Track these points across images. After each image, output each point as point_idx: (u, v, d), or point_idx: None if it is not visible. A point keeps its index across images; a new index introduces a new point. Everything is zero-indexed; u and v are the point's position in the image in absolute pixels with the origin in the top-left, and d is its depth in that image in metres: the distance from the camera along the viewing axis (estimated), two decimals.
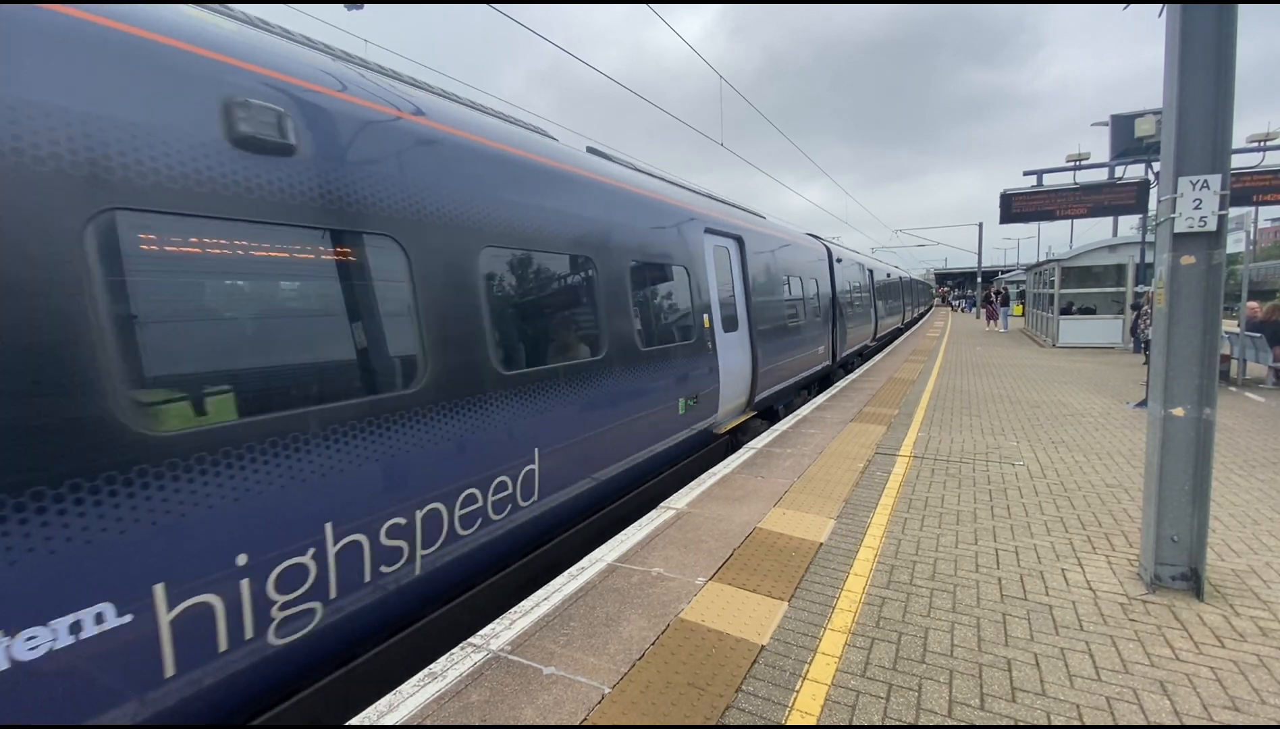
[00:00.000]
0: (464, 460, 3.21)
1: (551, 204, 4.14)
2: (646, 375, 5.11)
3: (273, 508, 2.33)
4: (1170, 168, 3.07)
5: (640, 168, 6.52)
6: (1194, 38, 2.95)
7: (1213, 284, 3.03)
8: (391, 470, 2.80)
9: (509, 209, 3.71)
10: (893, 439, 6.60)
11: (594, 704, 2.38)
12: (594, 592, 3.29)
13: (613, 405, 4.61)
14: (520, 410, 3.63)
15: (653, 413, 5.19)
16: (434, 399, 3.04)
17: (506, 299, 3.75)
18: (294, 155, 2.51)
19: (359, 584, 2.65)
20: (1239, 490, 4.75)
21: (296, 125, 2.53)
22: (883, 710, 2.36)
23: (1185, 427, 3.11)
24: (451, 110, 3.62)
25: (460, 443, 3.19)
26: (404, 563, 2.86)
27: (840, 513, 4.42)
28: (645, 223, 5.44)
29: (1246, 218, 10.60)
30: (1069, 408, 8.22)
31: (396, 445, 2.82)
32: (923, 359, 14.50)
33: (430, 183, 3.16)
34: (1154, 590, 3.22)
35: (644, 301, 5.35)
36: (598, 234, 4.66)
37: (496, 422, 3.44)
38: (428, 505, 2.98)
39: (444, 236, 3.20)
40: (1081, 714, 2.32)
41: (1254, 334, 9.67)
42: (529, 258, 3.93)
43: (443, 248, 3.18)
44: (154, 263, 2.14)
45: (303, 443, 2.44)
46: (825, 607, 3.13)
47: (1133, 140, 14.13)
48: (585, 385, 4.29)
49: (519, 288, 3.90)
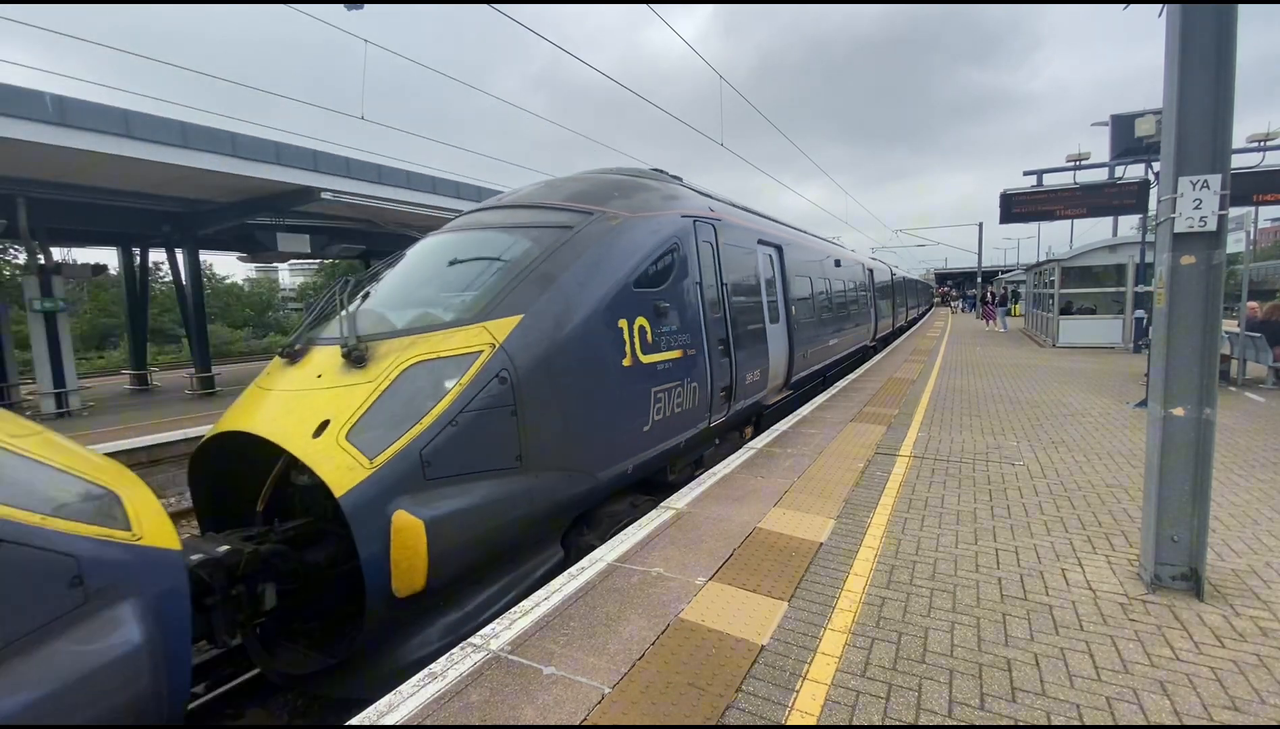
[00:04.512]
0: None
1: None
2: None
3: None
4: (1170, 168, 3.07)
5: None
6: (1194, 38, 2.95)
7: (1213, 284, 3.03)
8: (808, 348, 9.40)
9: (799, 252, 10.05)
10: (893, 439, 6.60)
11: (594, 704, 2.38)
12: (594, 592, 3.29)
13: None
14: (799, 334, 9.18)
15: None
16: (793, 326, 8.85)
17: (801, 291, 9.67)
18: (786, 254, 8.97)
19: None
20: (1239, 490, 4.75)
21: (783, 251, 8.96)
22: (883, 710, 2.36)
23: (1185, 427, 3.11)
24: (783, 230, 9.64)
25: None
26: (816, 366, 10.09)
27: (840, 513, 4.42)
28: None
29: (1246, 218, 10.60)
30: (1069, 408, 8.22)
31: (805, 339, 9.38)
32: (922, 359, 14.50)
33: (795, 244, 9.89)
34: (1154, 590, 3.22)
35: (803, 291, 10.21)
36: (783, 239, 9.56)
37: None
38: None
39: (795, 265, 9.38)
40: (1081, 714, 2.32)
41: (1254, 334, 9.67)
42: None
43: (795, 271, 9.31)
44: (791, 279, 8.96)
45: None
46: (825, 607, 3.13)
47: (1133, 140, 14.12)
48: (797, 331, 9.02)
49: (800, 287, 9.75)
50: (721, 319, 6.22)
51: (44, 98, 9.02)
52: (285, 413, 3.67)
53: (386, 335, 3.99)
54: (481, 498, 3.56)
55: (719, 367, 5.97)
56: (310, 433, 3.39)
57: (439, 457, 3.43)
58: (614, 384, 4.53)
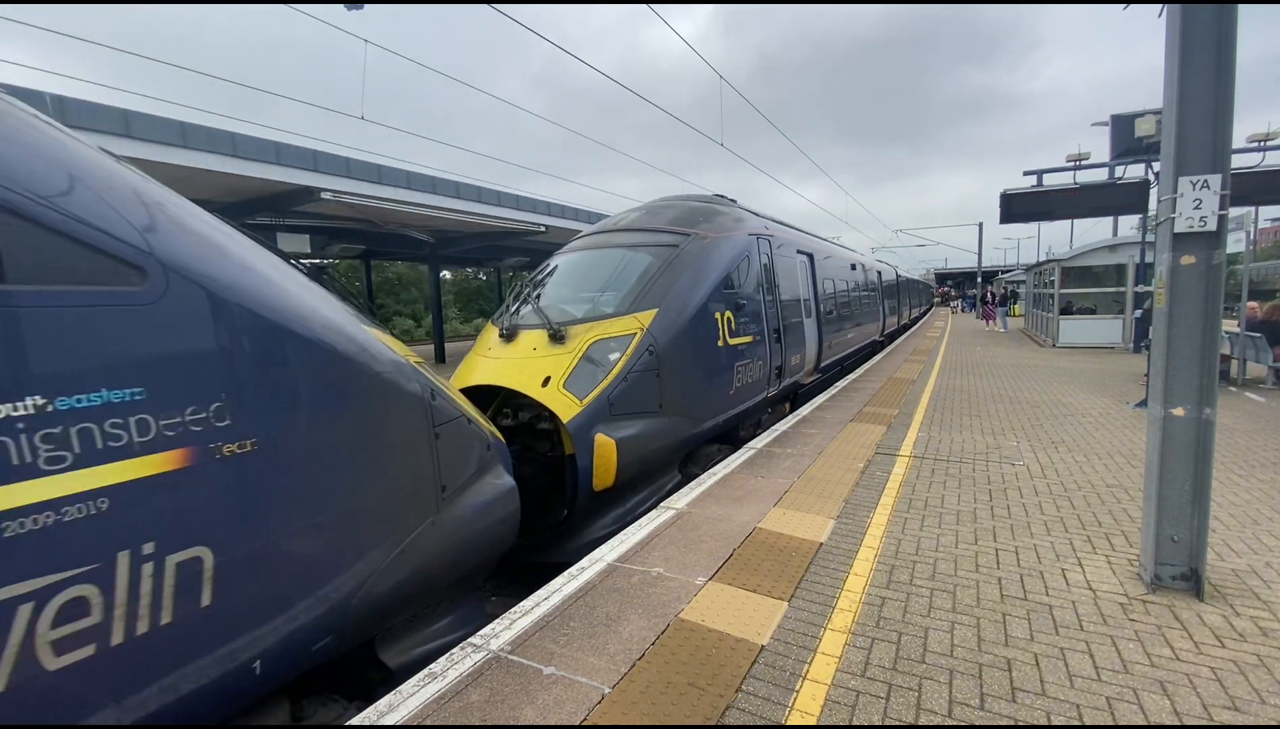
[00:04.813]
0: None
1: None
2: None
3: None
4: (1170, 168, 3.07)
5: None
6: (1194, 38, 2.95)
7: (1213, 284, 3.02)
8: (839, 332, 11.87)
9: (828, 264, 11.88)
10: (893, 439, 6.60)
11: (594, 704, 2.38)
12: (594, 592, 3.29)
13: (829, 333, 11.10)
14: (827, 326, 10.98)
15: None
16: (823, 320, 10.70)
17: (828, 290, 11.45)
18: (815, 261, 10.62)
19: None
20: (1239, 490, 4.75)
21: (814, 258, 10.65)
22: (883, 710, 2.36)
23: (1185, 427, 3.11)
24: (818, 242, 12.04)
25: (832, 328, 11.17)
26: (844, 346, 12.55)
27: (840, 513, 4.42)
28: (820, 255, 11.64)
29: (1246, 218, 10.59)
30: (1069, 408, 8.22)
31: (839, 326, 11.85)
32: (922, 359, 14.50)
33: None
34: (1154, 590, 3.22)
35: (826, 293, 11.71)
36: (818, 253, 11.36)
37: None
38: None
39: (822, 269, 11.04)
40: (1081, 714, 2.32)
41: (1254, 334, 9.66)
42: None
43: (822, 275, 10.99)
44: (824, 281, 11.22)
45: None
46: (825, 607, 3.13)
47: (1133, 140, 14.10)
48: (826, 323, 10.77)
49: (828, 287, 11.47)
50: (775, 314, 7.92)
51: (44, 97, 9.04)
52: (518, 372, 5.25)
53: (572, 322, 5.66)
54: (641, 429, 5.21)
55: (774, 350, 7.68)
56: (539, 384, 5.04)
57: (618, 400, 5.10)
58: (713, 359, 6.23)
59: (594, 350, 5.28)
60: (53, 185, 1.83)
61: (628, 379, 5.18)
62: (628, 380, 5.18)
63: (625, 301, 5.83)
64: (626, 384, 5.17)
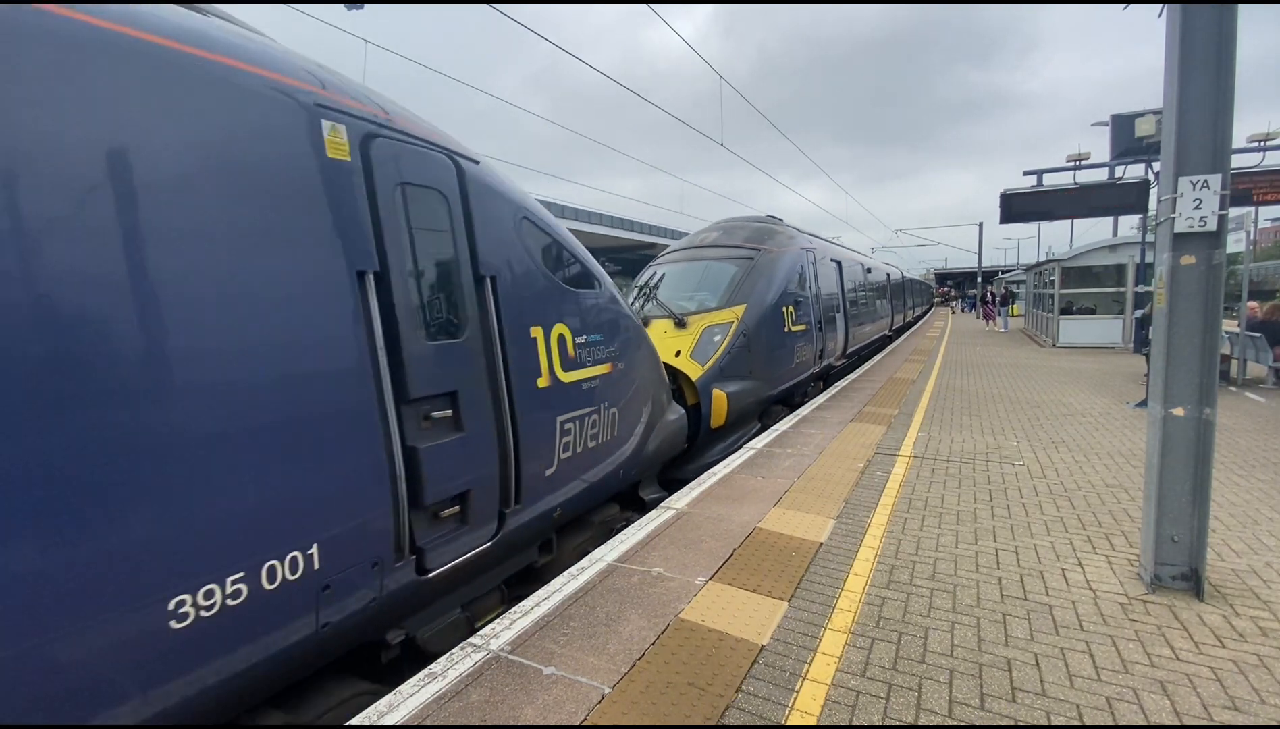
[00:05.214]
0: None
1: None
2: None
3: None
4: (1170, 168, 3.07)
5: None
6: (1194, 38, 2.95)
7: (1213, 284, 3.03)
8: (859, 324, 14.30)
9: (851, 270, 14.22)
10: (893, 439, 6.60)
11: (594, 704, 2.38)
12: (594, 591, 3.29)
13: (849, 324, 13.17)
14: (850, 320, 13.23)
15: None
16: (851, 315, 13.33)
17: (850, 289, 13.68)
18: (843, 267, 13.16)
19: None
20: (1239, 490, 4.76)
21: (841, 265, 13.10)
22: (883, 710, 2.36)
23: (1185, 427, 3.11)
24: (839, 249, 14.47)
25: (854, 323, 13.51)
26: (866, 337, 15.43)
27: (840, 513, 4.42)
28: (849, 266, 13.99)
29: (1246, 218, 10.60)
30: (1069, 408, 8.22)
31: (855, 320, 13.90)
32: (922, 359, 14.50)
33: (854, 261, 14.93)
34: (1154, 590, 3.22)
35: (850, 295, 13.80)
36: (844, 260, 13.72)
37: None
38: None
39: (847, 273, 13.48)
40: (1081, 714, 2.32)
41: (1254, 334, 9.66)
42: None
43: (847, 278, 13.40)
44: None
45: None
46: (825, 607, 3.13)
47: (1133, 140, 14.11)
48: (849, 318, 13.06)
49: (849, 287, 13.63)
50: (817, 309, 10.19)
51: None
52: (660, 348, 6.27)
53: (688, 314, 7.92)
54: (740, 388, 7.40)
55: (817, 337, 10.00)
56: (673, 355, 7.19)
57: (726, 368, 7.29)
58: (782, 341, 8.49)
59: (706, 333, 7.51)
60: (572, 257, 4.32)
61: (731, 353, 7.37)
62: (730, 354, 7.37)
63: (723, 299, 8.15)
64: (730, 356, 7.36)
